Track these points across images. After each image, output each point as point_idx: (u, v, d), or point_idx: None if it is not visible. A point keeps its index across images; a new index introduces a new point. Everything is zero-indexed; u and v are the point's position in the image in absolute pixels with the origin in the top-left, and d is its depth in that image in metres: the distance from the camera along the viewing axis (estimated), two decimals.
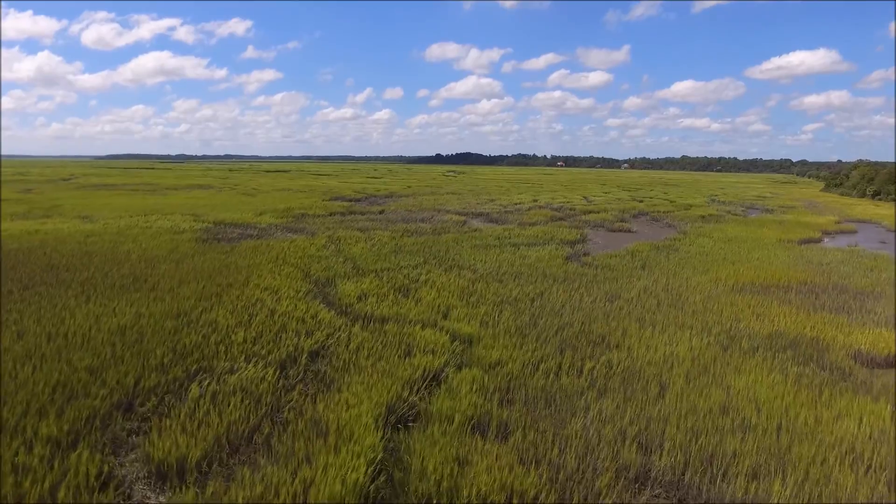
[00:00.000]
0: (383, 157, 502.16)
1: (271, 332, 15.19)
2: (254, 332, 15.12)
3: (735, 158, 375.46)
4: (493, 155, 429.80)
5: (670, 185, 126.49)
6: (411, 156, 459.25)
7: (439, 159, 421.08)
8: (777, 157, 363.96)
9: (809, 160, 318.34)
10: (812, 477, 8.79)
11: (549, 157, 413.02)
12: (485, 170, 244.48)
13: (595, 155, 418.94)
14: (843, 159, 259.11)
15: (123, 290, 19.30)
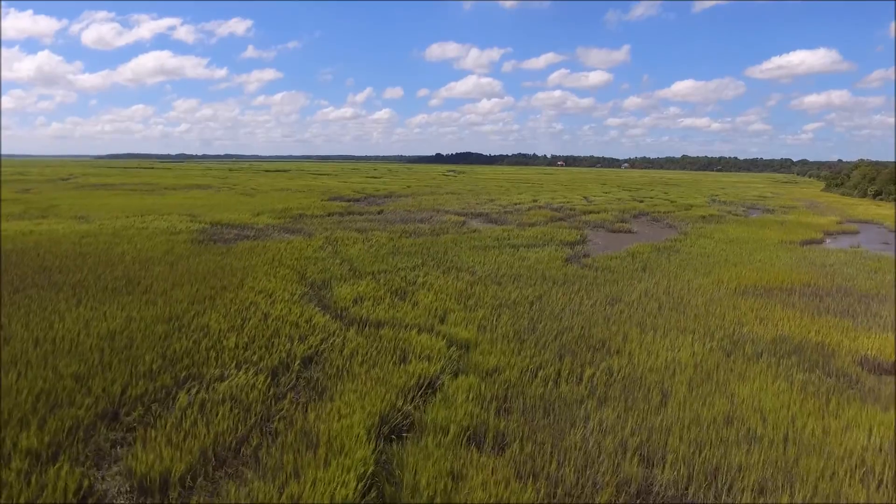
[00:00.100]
0: (383, 157, 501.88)
1: (264, 337, 14.85)
2: (246, 337, 14.78)
3: (735, 158, 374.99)
4: (493, 154, 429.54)
5: (671, 185, 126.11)
6: (411, 155, 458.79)
7: (439, 159, 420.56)
8: (777, 157, 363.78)
9: (810, 160, 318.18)
10: (821, 492, 8.45)
11: (549, 156, 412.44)
12: (485, 169, 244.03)
13: (595, 154, 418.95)
14: (843, 159, 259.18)
15: (116, 293, 18.96)
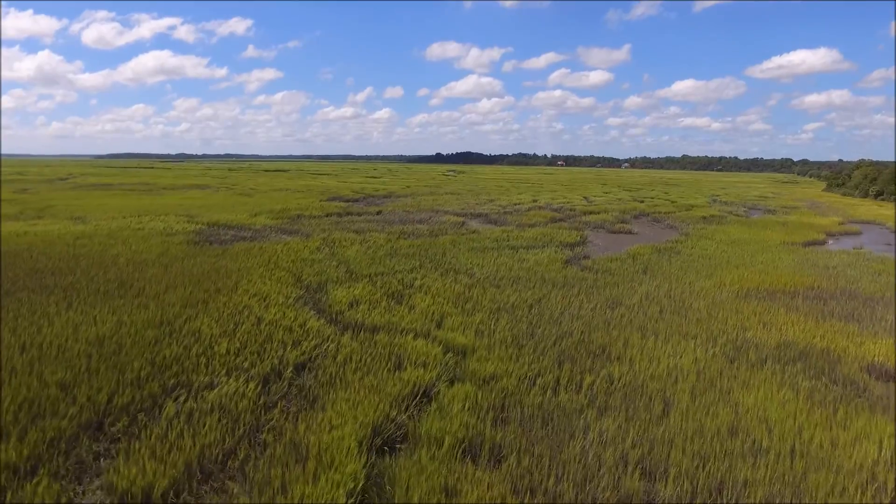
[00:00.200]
0: (384, 157, 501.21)
1: (256, 342, 14.51)
2: (238, 342, 14.45)
3: (736, 158, 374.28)
4: (493, 154, 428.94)
5: (671, 185, 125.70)
6: (412, 155, 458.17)
7: (440, 158, 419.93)
8: (778, 157, 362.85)
9: (810, 159, 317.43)
10: None
11: (549, 156, 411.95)
12: (485, 169, 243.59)
13: (595, 154, 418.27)
14: (843, 159, 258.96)
15: (107, 296, 18.63)
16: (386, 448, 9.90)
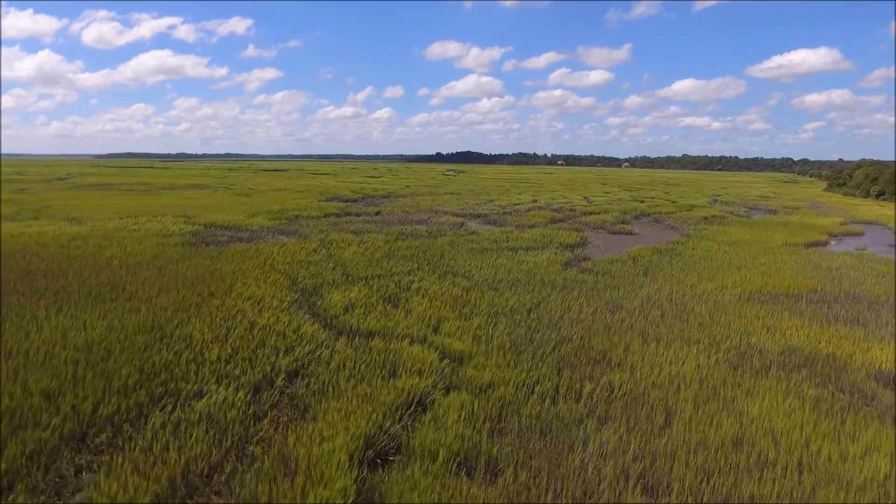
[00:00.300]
0: (384, 156, 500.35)
1: (248, 348, 14.18)
2: (230, 348, 14.12)
3: (736, 157, 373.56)
4: (493, 154, 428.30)
5: (671, 185, 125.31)
6: (412, 154, 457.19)
7: (440, 158, 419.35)
8: (778, 156, 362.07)
9: (811, 159, 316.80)
10: None
11: (549, 155, 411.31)
12: (485, 168, 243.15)
13: (596, 154, 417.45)
14: (844, 158, 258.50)
15: (99, 300, 18.30)
16: (379, 460, 9.58)
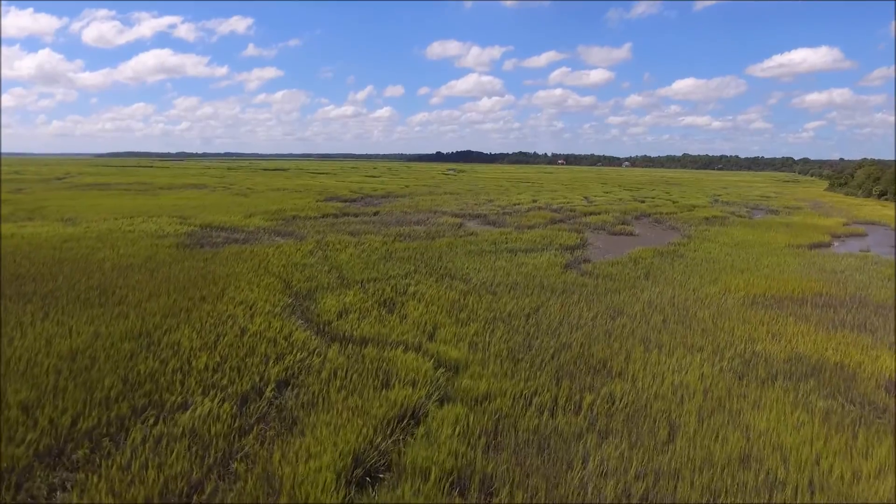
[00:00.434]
0: (384, 155, 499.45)
1: (237, 356, 13.74)
2: (218, 356, 13.67)
3: (736, 156, 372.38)
4: (493, 153, 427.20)
5: (672, 184, 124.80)
6: (412, 153, 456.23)
7: (440, 157, 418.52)
8: (779, 155, 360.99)
9: (811, 158, 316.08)
10: None
11: (549, 154, 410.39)
12: (485, 168, 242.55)
13: (596, 153, 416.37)
14: (844, 157, 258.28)
15: (87, 304, 17.86)
16: (368, 478, 9.14)
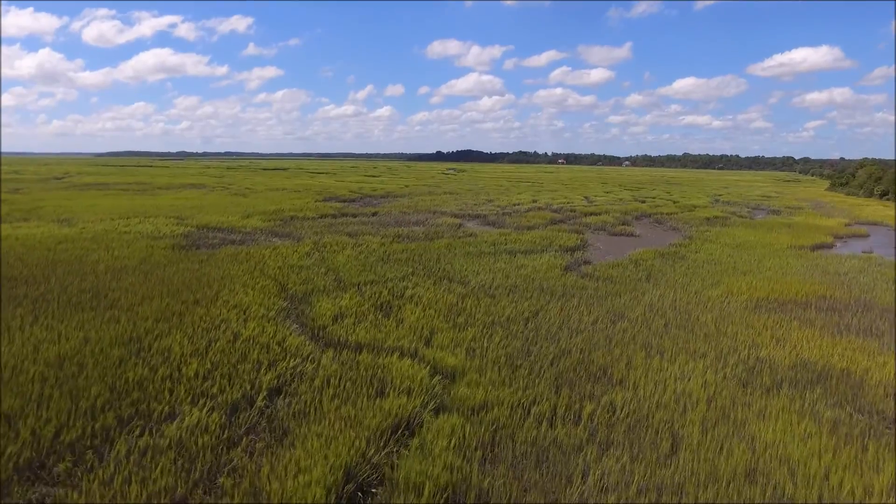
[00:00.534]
0: (384, 154, 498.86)
1: (229, 363, 13.40)
2: (209, 363, 13.34)
3: (737, 156, 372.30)
4: (494, 152, 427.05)
5: (672, 184, 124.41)
6: (412, 153, 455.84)
7: (440, 156, 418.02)
8: (779, 155, 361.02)
9: (812, 157, 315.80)
10: None
11: (550, 154, 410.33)
12: (485, 167, 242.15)
13: (596, 152, 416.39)
14: (845, 157, 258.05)
15: (78, 308, 17.52)
16: (360, 493, 8.81)
